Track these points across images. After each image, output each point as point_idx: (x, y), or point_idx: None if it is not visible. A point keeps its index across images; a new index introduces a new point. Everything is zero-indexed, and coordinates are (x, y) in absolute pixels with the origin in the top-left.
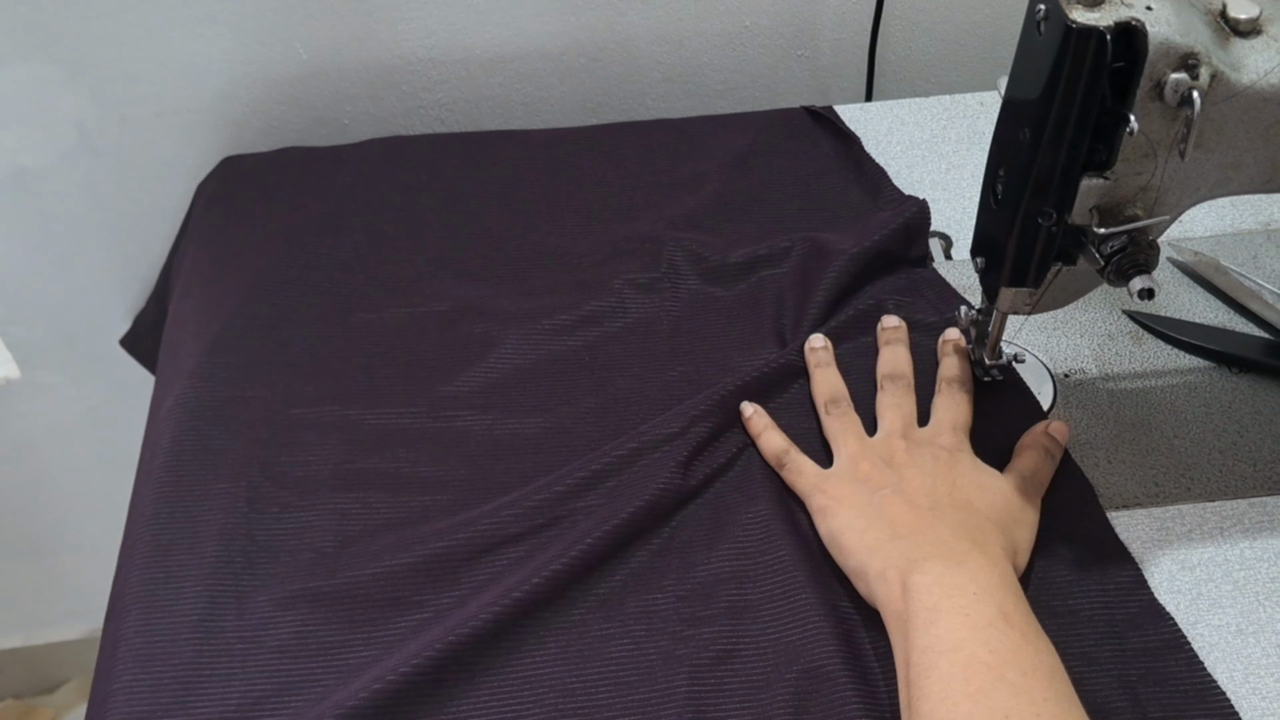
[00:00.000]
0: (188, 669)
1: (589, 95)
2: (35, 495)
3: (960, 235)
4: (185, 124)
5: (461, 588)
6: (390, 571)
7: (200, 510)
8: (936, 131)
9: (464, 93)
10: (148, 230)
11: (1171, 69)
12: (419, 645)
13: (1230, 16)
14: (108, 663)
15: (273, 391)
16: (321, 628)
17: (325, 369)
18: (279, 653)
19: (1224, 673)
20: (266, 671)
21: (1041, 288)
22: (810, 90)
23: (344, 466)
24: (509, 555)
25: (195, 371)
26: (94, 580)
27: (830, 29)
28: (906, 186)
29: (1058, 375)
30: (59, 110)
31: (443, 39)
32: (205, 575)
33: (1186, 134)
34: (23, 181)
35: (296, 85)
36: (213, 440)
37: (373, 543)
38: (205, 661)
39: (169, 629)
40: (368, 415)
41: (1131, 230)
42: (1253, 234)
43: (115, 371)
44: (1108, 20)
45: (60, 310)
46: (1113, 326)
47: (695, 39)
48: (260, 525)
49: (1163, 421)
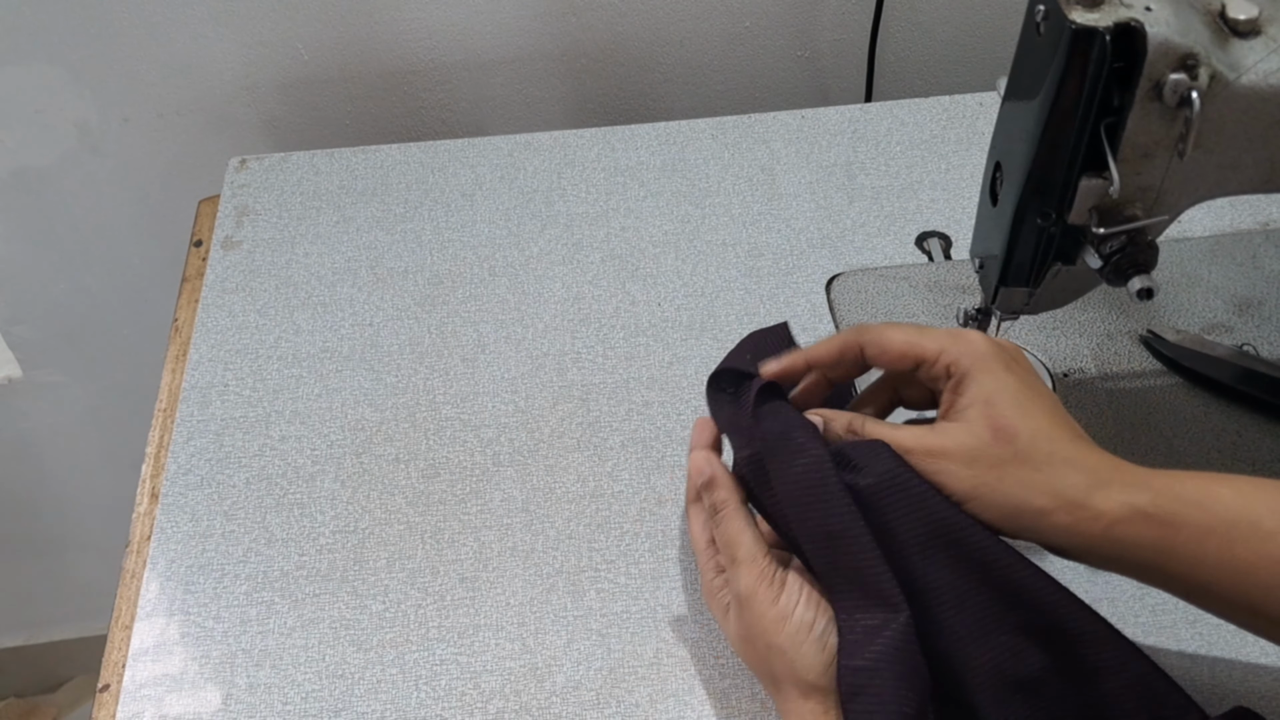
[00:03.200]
0: None
1: (590, 96)
2: (37, 494)
3: (960, 235)
4: (187, 124)
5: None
6: None
7: None
8: (936, 131)
9: (465, 93)
10: (149, 230)
11: (1171, 69)
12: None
13: (1230, 17)
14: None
15: None
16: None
17: None
18: None
19: (1223, 669)
20: None
21: (1041, 288)
22: (810, 90)
23: None
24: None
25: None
26: (96, 579)
27: (830, 29)
28: (906, 186)
29: (1057, 375)
30: (61, 110)
31: (444, 40)
32: None
33: (1185, 134)
34: (25, 181)
35: (298, 86)
36: None
37: None
38: None
39: None
40: None
41: (1131, 230)
42: (1252, 234)
43: (117, 371)
44: (1107, 20)
45: (62, 310)
46: (1113, 326)
47: (695, 40)
48: None
49: (1162, 421)
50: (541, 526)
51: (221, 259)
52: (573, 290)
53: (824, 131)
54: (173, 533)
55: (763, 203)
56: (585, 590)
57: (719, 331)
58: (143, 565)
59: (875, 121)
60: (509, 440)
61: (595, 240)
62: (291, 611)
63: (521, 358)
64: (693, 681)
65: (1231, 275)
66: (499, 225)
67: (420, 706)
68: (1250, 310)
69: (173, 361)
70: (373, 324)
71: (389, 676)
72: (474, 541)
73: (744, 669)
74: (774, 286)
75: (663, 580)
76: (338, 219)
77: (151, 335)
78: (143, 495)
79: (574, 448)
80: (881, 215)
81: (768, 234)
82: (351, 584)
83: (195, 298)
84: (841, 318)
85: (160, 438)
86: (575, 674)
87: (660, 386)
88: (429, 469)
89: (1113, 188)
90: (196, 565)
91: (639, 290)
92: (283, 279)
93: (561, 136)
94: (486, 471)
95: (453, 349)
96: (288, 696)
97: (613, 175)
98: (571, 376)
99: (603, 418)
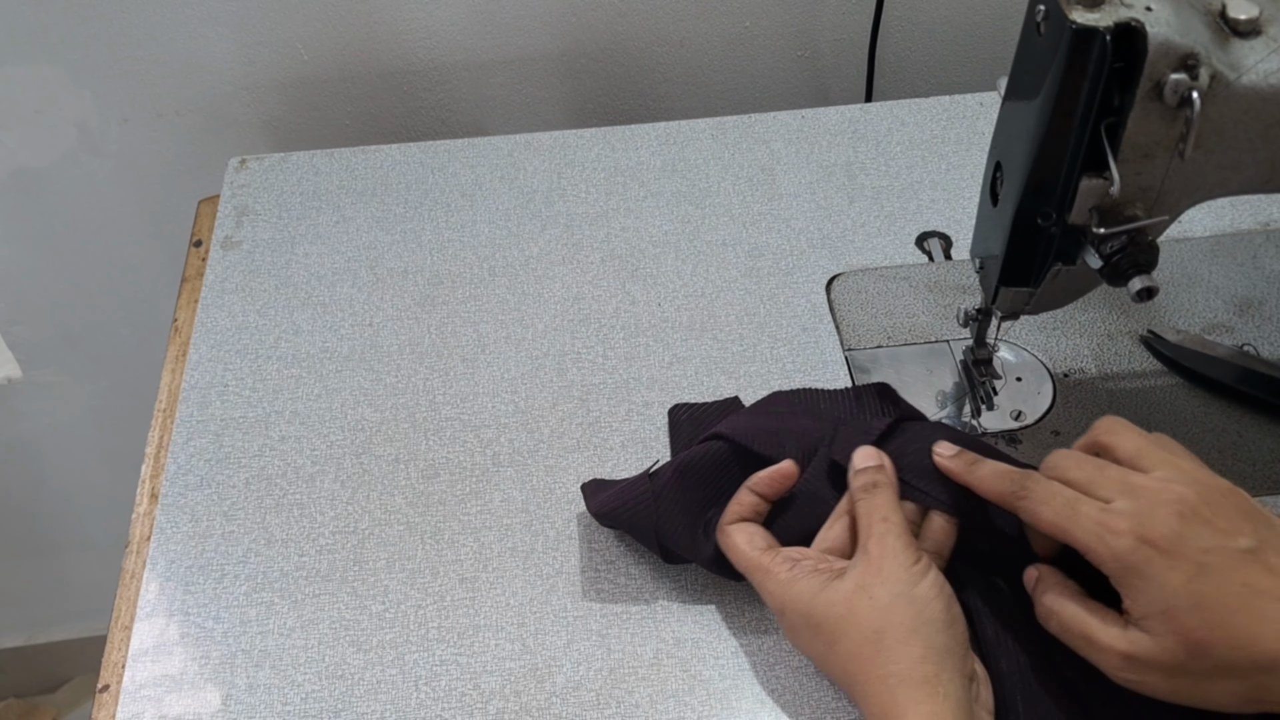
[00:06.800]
0: None
1: (590, 97)
2: (37, 494)
3: (960, 235)
4: (187, 125)
5: None
6: None
7: None
8: (936, 132)
9: (465, 94)
10: (149, 230)
11: (1171, 69)
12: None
13: (1230, 17)
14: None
15: None
16: None
17: None
18: None
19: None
20: None
21: (1041, 288)
22: (810, 91)
23: None
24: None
25: None
26: (95, 579)
27: (830, 29)
28: (906, 186)
29: (1057, 375)
30: (61, 111)
31: (444, 40)
32: None
33: (1186, 134)
34: (24, 181)
35: (298, 86)
36: None
37: None
38: None
39: None
40: None
41: (1131, 230)
42: (1252, 234)
43: (117, 371)
44: (1108, 20)
45: (62, 310)
46: (1113, 326)
47: (695, 40)
48: None
49: (1162, 421)
50: (541, 526)
51: (221, 259)
52: (573, 290)
53: (824, 131)
54: (172, 533)
55: (763, 203)
56: (585, 590)
57: (719, 331)
58: (142, 565)
59: (875, 121)
60: (509, 440)
61: (595, 240)
62: (291, 612)
63: (521, 358)
64: (693, 681)
65: (1232, 275)
66: (499, 225)
67: (420, 707)
68: (1251, 310)
69: (173, 361)
70: (373, 324)
71: (389, 677)
72: (474, 542)
73: (744, 669)
74: (774, 286)
75: (663, 580)
76: (338, 219)
77: (151, 335)
78: (142, 495)
79: (574, 448)
80: (881, 215)
81: (768, 234)
82: (351, 584)
83: (195, 298)
84: (841, 318)
85: (160, 438)
86: (575, 674)
87: (660, 386)
88: (429, 469)
89: (1113, 188)
90: (196, 566)
91: (639, 290)
92: (282, 279)
93: (561, 136)
94: (486, 471)
95: (453, 349)
96: (288, 697)
97: (613, 175)
98: (571, 376)
99: (603, 418)
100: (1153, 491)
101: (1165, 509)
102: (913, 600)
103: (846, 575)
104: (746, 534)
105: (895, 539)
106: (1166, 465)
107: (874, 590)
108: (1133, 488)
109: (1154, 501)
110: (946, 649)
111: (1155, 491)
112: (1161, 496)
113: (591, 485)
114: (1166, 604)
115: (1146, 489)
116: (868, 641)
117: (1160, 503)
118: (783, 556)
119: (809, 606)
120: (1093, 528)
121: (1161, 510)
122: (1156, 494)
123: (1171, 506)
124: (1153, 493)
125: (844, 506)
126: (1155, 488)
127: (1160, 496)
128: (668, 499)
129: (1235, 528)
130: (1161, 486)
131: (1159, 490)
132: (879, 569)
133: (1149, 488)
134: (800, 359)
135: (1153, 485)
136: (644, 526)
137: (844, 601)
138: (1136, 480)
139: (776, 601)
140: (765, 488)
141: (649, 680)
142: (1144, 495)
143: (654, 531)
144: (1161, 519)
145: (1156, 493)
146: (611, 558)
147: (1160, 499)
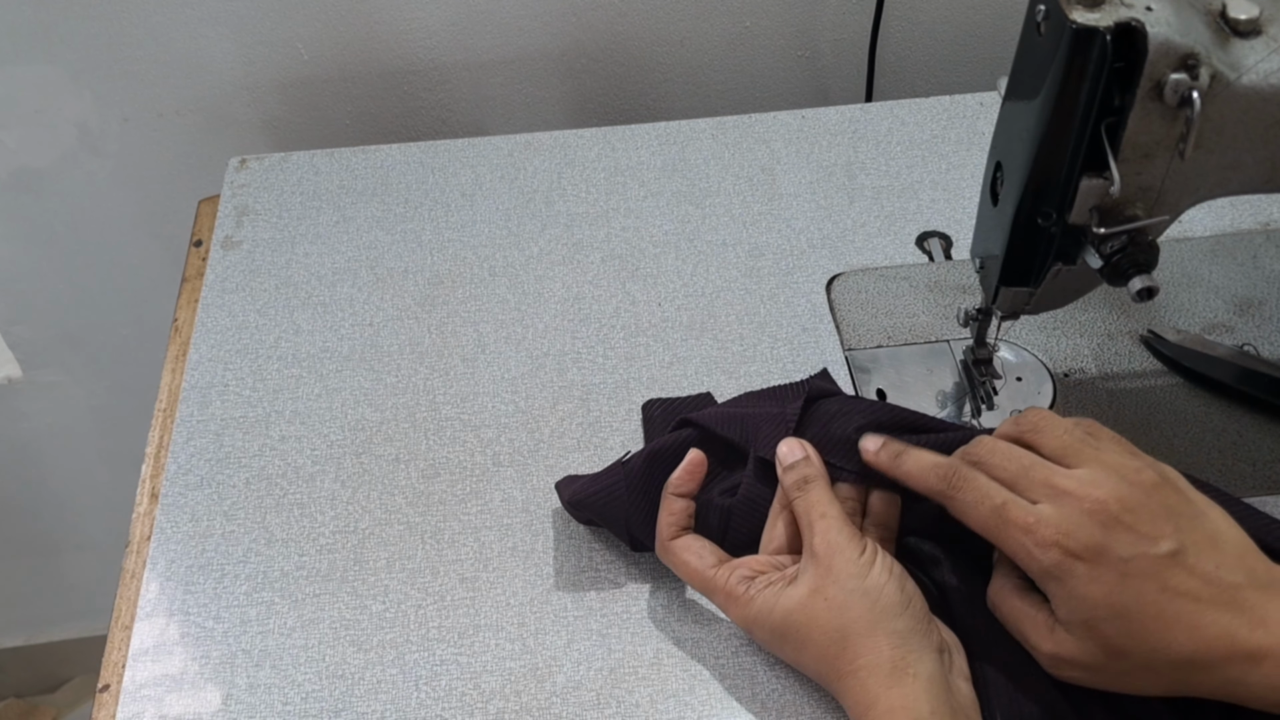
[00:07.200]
0: None
1: (590, 96)
2: (37, 494)
3: (960, 235)
4: (187, 124)
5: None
6: None
7: None
8: (936, 132)
9: (465, 93)
10: (149, 230)
11: (1171, 69)
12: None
13: (1230, 17)
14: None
15: None
16: None
17: None
18: None
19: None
20: None
21: (1041, 288)
22: (810, 90)
23: None
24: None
25: None
26: (95, 579)
27: (830, 29)
28: (906, 186)
29: (1057, 375)
30: (61, 111)
31: (444, 40)
32: None
33: (1186, 134)
34: (25, 181)
35: (298, 86)
36: None
37: None
38: None
39: None
40: None
41: (1131, 230)
42: (1253, 234)
43: (117, 371)
44: (1108, 20)
45: (62, 310)
46: (1113, 326)
47: (695, 40)
48: None
49: (1162, 421)
50: (541, 526)
51: (221, 259)
52: (573, 290)
53: (824, 131)
54: (172, 533)
55: (763, 203)
56: (585, 590)
57: (719, 331)
58: (142, 565)
59: (875, 121)
60: (509, 440)
61: (595, 240)
62: (291, 612)
63: (521, 358)
64: (693, 681)
65: (1232, 275)
66: (499, 225)
67: (420, 707)
68: (1251, 310)
69: (173, 361)
70: (373, 324)
71: (389, 677)
72: (474, 541)
73: (744, 670)
74: (774, 286)
75: (663, 580)
76: (338, 219)
77: (151, 335)
78: (142, 495)
79: (574, 448)
80: (882, 215)
81: (768, 234)
82: (351, 584)
83: (195, 298)
84: (842, 318)
85: (160, 438)
86: (575, 674)
87: (660, 386)
88: (429, 469)
89: (1113, 188)
90: (196, 565)
91: (639, 290)
92: (283, 279)
93: (561, 136)
94: (486, 471)
95: (453, 349)
96: (288, 697)
97: (613, 175)
98: (571, 376)
99: (603, 418)
100: (1076, 499)
101: (1089, 519)
102: (866, 593)
103: (799, 581)
104: (694, 551)
105: (837, 533)
106: (1092, 463)
107: (827, 591)
108: (1057, 492)
109: (1078, 509)
110: (909, 630)
111: (1079, 499)
112: (1084, 505)
113: (564, 480)
114: (1088, 614)
115: (1070, 495)
116: (832, 642)
117: (1083, 511)
118: (737, 576)
119: (770, 619)
120: (1020, 538)
121: (1085, 520)
122: (1080, 501)
123: (1095, 516)
124: (1076, 500)
125: (780, 503)
126: (1079, 494)
127: (1083, 505)
128: (638, 488)
129: (1157, 531)
130: (1085, 492)
131: (1083, 497)
132: (828, 568)
133: (1073, 493)
134: (800, 359)
135: (1077, 491)
136: (615, 514)
137: (801, 609)
138: (1061, 483)
139: (740, 621)
140: (685, 486)
141: (649, 680)
142: (1067, 502)
143: (624, 519)
144: (1085, 530)
145: (1080, 500)
146: (612, 558)
147: (1083, 507)
